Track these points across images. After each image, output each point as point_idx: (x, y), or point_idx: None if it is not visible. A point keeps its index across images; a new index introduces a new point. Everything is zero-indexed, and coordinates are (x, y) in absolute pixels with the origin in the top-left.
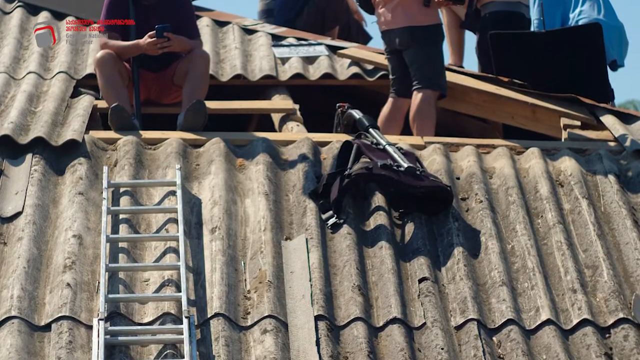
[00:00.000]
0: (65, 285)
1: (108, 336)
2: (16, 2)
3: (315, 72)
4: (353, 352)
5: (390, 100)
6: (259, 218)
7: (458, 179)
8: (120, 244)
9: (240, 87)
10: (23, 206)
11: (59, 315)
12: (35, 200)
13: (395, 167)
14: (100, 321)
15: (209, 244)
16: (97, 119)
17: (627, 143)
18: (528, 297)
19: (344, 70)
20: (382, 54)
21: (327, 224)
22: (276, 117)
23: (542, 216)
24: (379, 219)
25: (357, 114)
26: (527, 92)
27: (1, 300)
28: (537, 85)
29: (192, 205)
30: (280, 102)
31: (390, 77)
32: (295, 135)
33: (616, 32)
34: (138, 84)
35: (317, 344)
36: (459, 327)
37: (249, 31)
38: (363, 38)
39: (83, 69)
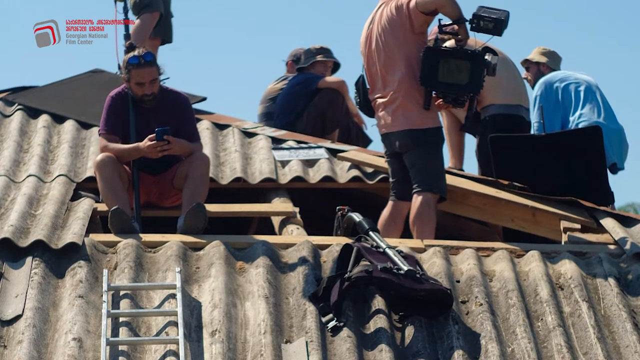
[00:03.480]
0: None
1: None
2: (16, 105)
3: (315, 175)
4: None
5: (390, 203)
6: (259, 321)
7: (458, 282)
8: (120, 347)
9: (240, 190)
10: (23, 309)
11: None
12: (35, 303)
13: (395, 271)
14: None
15: (209, 347)
16: (97, 222)
17: (627, 246)
18: None
19: (344, 173)
20: (382, 157)
21: (327, 327)
22: (276, 220)
23: (542, 319)
24: (379, 322)
25: (357, 217)
26: (527, 195)
27: None
28: (537, 188)
29: (192, 308)
30: (280, 205)
31: (390, 180)
32: (295, 239)
33: (616, 135)
34: (138, 187)
35: None
36: None
37: (249, 134)
38: (363, 141)
39: (83, 172)
